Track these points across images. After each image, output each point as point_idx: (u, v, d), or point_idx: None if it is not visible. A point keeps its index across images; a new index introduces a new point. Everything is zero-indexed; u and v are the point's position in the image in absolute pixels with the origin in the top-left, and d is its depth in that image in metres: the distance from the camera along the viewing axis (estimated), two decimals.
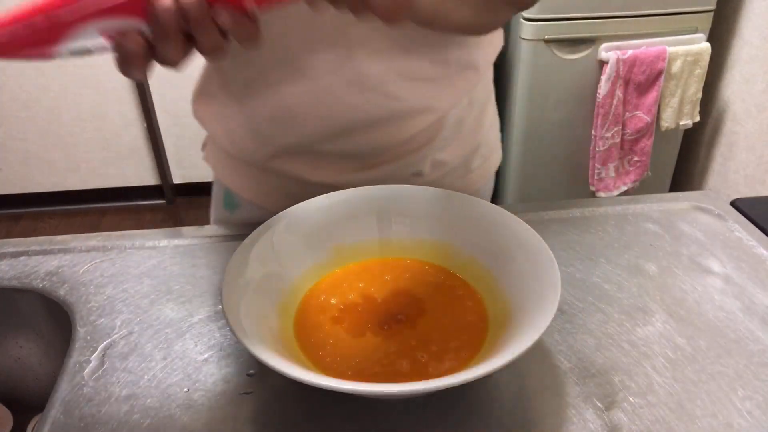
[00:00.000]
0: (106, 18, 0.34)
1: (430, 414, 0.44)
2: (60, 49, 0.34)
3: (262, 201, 0.68)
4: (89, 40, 0.35)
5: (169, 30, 0.35)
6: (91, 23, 0.34)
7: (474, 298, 0.50)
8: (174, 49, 0.36)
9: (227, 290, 0.44)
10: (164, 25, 0.35)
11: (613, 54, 1.58)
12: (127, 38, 0.35)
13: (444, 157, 0.67)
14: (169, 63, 0.37)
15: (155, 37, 0.36)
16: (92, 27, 0.34)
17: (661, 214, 0.66)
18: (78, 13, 0.34)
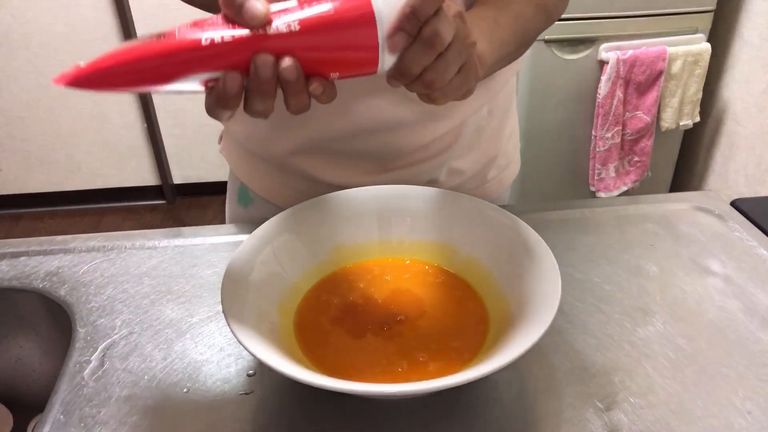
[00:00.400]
0: (213, 70, 0.37)
1: (431, 414, 0.44)
2: (161, 89, 0.37)
3: (275, 198, 0.68)
4: (189, 85, 0.38)
5: (267, 89, 0.38)
6: (197, 74, 0.37)
7: (474, 298, 0.50)
8: (265, 104, 0.39)
9: (227, 290, 0.44)
10: (262, 84, 0.38)
11: (613, 54, 1.58)
12: (228, 79, 0.37)
13: (461, 165, 0.67)
14: (258, 114, 0.40)
15: (252, 90, 0.38)
16: (197, 77, 0.37)
17: (661, 215, 0.66)
18: (188, 66, 0.37)
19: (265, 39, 0.37)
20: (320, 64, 0.39)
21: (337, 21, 0.38)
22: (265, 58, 0.37)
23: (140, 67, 0.37)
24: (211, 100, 0.39)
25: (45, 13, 2.06)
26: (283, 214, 0.53)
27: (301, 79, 0.38)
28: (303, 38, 0.38)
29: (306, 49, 0.38)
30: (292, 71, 0.38)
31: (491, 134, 0.68)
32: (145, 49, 0.37)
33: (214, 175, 2.42)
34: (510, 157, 0.74)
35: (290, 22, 0.37)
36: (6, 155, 2.32)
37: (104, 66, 0.36)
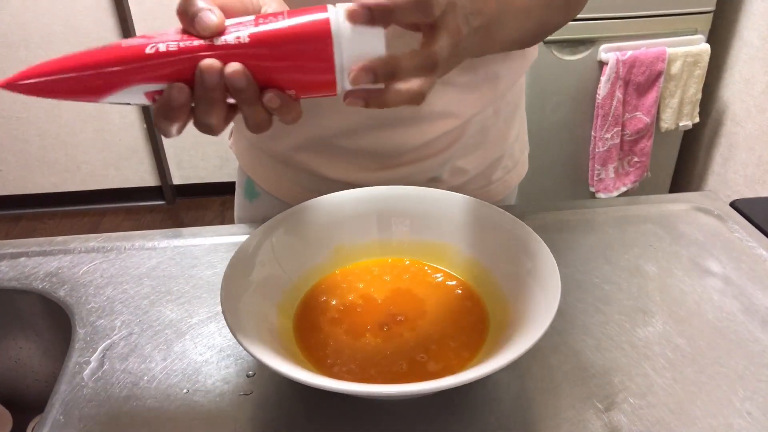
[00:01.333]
0: (153, 82, 0.36)
1: (430, 414, 0.44)
2: (102, 100, 0.36)
3: (281, 194, 0.68)
4: (133, 97, 0.37)
5: (213, 97, 0.36)
6: (138, 85, 0.36)
7: (474, 298, 0.50)
8: (216, 116, 0.38)
9: (227, 291, 0.44)
10: (208, 90, 0.36)
11: (612, 55, 1.58)
12: (174, 90, 0.36)
13: (464, 164, 0.66)
14: (208, 128, 0.38)
15: (198, 101, 0.37)
16: (138, 88, 0.36)
17: (660, 215, 0.66)
18: (127, 76, 0.36)
19: (212, 48, 0.36)
20: (273, 77, 0.37)
21: (289, 36, 0.36)
22: (210, 62, 0.36)
23: (80, 76, 0.35)
24: (156, 112, 0.37)
25: (45, 13, 2.06)
26: (282, 214, 0.53)
27: (252, 89, 0.37)
28: (252, 50, 0.36)
29: (255, 60, 0.36)
30: (239, 77, 0.36)
31: (497, 135, 0.68)
32: (85, 57, 0.36)
33: (213, 176, 2.42)
34: (516, 159, 0.73)
35: (240, 35, 0.36)
36: (6, 155, 2.32)
37: (42, 72, 0.35)
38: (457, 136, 0.63)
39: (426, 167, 0.64)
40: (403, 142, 0.62)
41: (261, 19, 0.37)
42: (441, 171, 0.65)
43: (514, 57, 0.63)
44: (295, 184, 0.67)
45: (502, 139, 0.69)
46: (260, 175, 0.70)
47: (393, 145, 0.62)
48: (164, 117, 0.37)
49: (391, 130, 0.60)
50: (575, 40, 1.60)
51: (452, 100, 0.60)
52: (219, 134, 0.39)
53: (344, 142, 0.62)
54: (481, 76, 0.61)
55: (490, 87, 0.62)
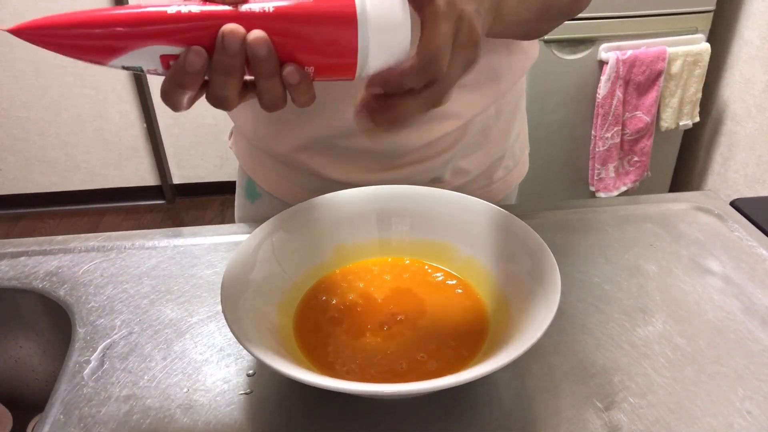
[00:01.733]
0: (172, 44, 0.35)
1: (430, 414, 0.44)
2: (114, 62, 0.35)
3: (281, 194, 0.68)
4: (147, 60, 0.35)
5: (232, 65, 0.35)
6: (152, 45, 0.35)
7: (474, 298, 0.50)
8: (232, 87, 0.36)
9: (227, 290, 0.44)
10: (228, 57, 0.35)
11: (612, 54, 1.58)
12: (192, 53, 0.34)
13: (466, 164, 0.66)
14: (222, 100, 0.37)
15: (216, 70, 0.36)
16: (154, 49, 0.35)
17: (660, 215, 0.66)
18: (145, 35, 0.34)
19: (236, 15, 0.35)
20: (294, 52, 0.36)
21: (314, 13, 0.35)
22: (233, 26, 0.34)
23: (94, 32, 0.34)
24: (170, 78, 0.36)
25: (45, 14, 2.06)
26: (282, 213, 0.53)
27: (273, 60, 0.35)
28: (276, 23, 0.35)
29: (278, 33, 0.35)
30: (262, 45, 0.35)
31: (498, 135, 0.68)
32: (103, 13, 0.34)
33: (213, 175, 2.43)
34: (517, 158, 0.73)
35: (265, 6, 0.35)
36: (6, 155, 2.32)
37: (55, 23, 0.34)
38: (459, 137, 0.63)
39: (428, 168, 0.64)
40: (405, 142, 0.61)
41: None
42: (443, 171, 0.65)
43: (515, 55, 0.63)
44: (296, 184, 0.67)
45: (504, 138, 0.69)
46: (261, 175, 0.69)
47: (395, 146, 0.62)
48: (177, 84, 0.36)
49: None
50: (575, 39, 1.60)
51: (454, 101, 0.60)
52: (231, 109, 0.38)
53: (346, 142, 0.62)
54: (484, 76, 0.61)
55: (492, 86, 0.62)
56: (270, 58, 0.35)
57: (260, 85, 0.37)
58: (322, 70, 0.38)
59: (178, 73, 0.35)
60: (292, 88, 0.37)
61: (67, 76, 2.16)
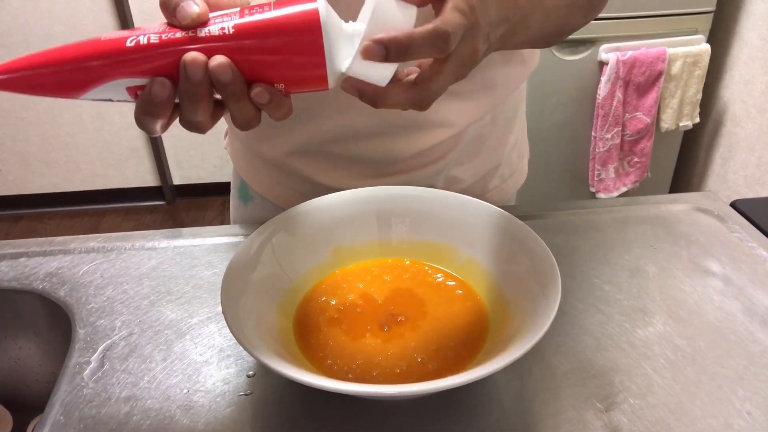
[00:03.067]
0: (135, 76, 0.35)
1: (430, 415, 0.44)
2: (82, 96, 0.35)
3: (273, 196, 0.68)
4: (114, 93, 0.35)
5: (198, 92, 0.35)
6: (119, 80, 0.35)
7: (474, 299, 0.50)
8: (203, 112, 0.36)
9: (227, 291, 0.44)
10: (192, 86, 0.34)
11: (612, 55, 1.58)
12: (156, 85, 0.34)
13: (459, 173, 0.65)
14: (195, 125, 0.37)
15: (183, 96, 0.35)
16: (119, 83, 0.35)
17: (660, 216, 0.66)
18: (107, 70, 0.34)
19: (196, 41, 0.34)
20: (260, 71, 0.36)
21: (276, 26, 0.35)
22: (194, 55, 0.34)
23: (58, 71, 0.34)
24: (139, 108, 0.36)
25: (45, 13, 2.06)
26: (282, 214, 0.53)
27: (239, 83, 0.35)
28: (238, 42, 0.35)
29: (241, 54, 0.35)
30: (225, 70, 0.34)
31: (494, 143, 0.67)
32: (64, 51, 0.34)
33: (213, 176, 2.43)
34: (514, 167, 0.72)
35: (225, 25, 0.35)
36: (6, 155, 2.32)
37: (18, 66, 0.34)
38: (453, 146, 0.62)
39: (420, 176, 0.63)
40: (397, 150, 0.61)
41: (247, 11, 0.36)
42: (435, 180, 0.64)
43: (513, 64, 0.62)
44: (288, 188, 0.67)
45: (500, 147, 0.68)
46: (254, 178, 0.69)
47: (387, 153, 0.61)
48: (146, 113, 0.36)
49: (386, 139, 0.60)
50: (575, 40, 1.60)
51: (448, 109, 0.59)
52: (206, 132, 0.38)
53: (338, 148, 0.61)
54: (479, 85, 0.60)
55: (488, 95, 0.61)
56: (235, 81, 0.35)
57: (230, 107, 0.36)
58: (292, 84, 0.37)
59: (146, 104, 0.35)
60: (264, 106, 0.37)
61: None
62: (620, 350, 0.48)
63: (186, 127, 0.37)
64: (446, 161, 0.63)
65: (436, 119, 0.59)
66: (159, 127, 0.37)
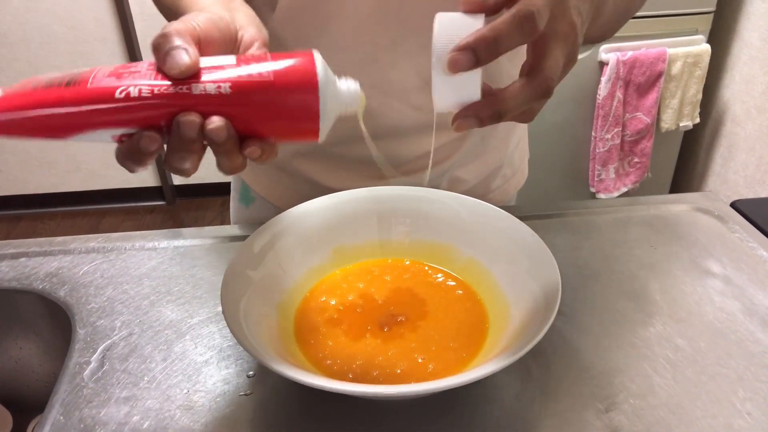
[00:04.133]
0: (123, 127, 0.34)
1: (430, 415, 0.44)
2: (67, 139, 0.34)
3: (275, 199, 0.68)
4: (100, 138, 0.34)
5: (190, 149, 0.34)
6: (106, 130, 0.34)
7: (474, 299, 0.50)
8: (191, 163, 0.35)
9: (227, 291, 0.43)
10: (185, 144, 0.34)
11: (613, 55, 1.58)
12: (144, 139, 0.33)
13: (463, 174, 0.66)
14: (181, 171, 0.36)
15: (173, 148, 0.34)
16: (106, 132, 0.34)
17: (661, 216, 0.66)
18: (94, 119, 0.33)
19: (190, 98, 0.33)
20: (254, 127, 0.35)
21: (274, 86, 0.34)
22: (190, 118, 0.33)
23: (43, 116, 0.32)
24: (123, 154, 0.34)
25: (45, 14, 2.06)
26: (283, 214, 0.53)
27: (232, 141, 0.34)
28: (234, 103, 0.34)
29: (237, 112, 0.34)
30: (221, 132, 0.33)
31: (497, 144, 0.67)
32: (50, 96, 0.32)
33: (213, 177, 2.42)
34: (516, 167, 0.72)
35: (221, 83, 0.33)
36: (6, 155, 2.32)
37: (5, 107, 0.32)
38: (457, 147, 0.63)
39: (423, 177, 0.63)
40: (401, 152, 0.61)
41: (243, 63, 0.35)
42: (439, 181, 0.65)
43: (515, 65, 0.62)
44: (290, 190, 0.66)
45: (503, 147, 0.68)
46: (255, 180, 0.69)
47: (391, 155, 0.61)
48: (130, 160, 0.34)
49: (389, 141, 0.60)
50: None
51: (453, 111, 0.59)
52: (190, 175, 0.37)
53: (342, 150, 0.61)
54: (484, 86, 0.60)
55: None
56: (229, 141, 0.34)
57: (219, 159, 0.36)
58: (284, 138, 0.37)
59: (132, 152, 0.34)
60: (255, 160, 0.36)
61: None
62: (620, 350, 0.48)
63: (170, 170, 0.36)
64: (450, 162, 0.63)
65: (441, 121, 0.59)
66: (140, 170, 0.36)
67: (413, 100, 0.57)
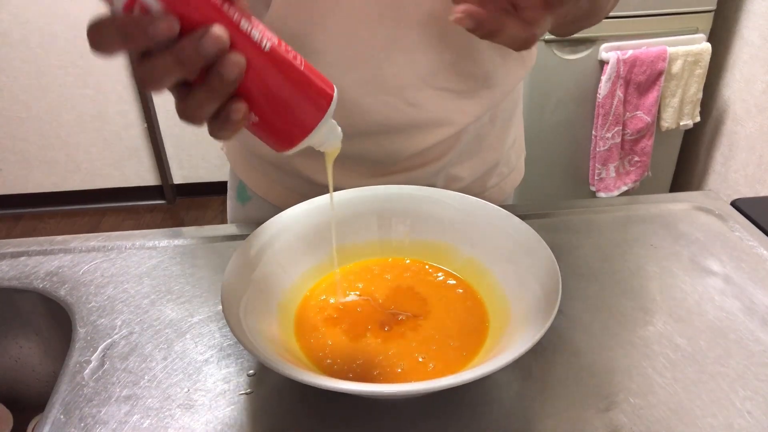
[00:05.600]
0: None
1: (430, 414, 0.44)
2: None
3: (271, 197, 0.68)
4: None
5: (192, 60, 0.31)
6: None
7: (474, 298, 0.50)
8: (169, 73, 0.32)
9: (227, 290, 0.44)
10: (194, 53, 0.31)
11: (613, 54, 1.58)
12: (166, 21, 0.30)
13: (459, 172, 0.66)
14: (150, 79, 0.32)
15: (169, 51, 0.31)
16: None
17: (661, 215, 0.66)
18: None
19: (232, 25, 0.32)
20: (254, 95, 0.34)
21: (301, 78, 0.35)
22: (222, 33, 0.31)
23: None
24: (123, 20, 0.31)
25: (45, 13, 2.06)
26: (282, 213, 0.53)
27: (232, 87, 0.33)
28: (263, 61, 0.33)
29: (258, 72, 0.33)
30: (234, 70, 0.32)
31: (493, 142, 0.67)
32: None
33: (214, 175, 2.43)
34: (512, 165, 0.72)
35: (266, 38, 0.33)
36: (6, 155, 2.32)
37: None
38: (452, 144, 0.62)
39: (420, 175, 0.63)
40: (397, 150, 0.61)
41: (283, 44, 0.35)
42: (435, 179, 0.64)
43: (511, 63, 0.62)
44: (287, 188, 0.66)
45: (499, 145, 0.68)
46: (252, 178, 0.69)
47: (387, 152, 0.61)
48: (118, 30, 0.31)
49: (386, 138, 0.60)
50: (576, 39, 1.60)
51: (448, 108, 0.59)
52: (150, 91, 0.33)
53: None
54: (480, 84, 0.60)
55: (487, 94, 0.61)
56: (232, 85, 0.33)
57: (198, 95, 0.33)
58: (263, 128, 0.36)
59: (130, 23, 0.31)
60: (225, 120, 0.34)
61: (68, 76, 2.16)
62: (620, 350, 0.48)
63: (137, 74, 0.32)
64: (446, 160, 0.63)
65: (437, 118, 0.59)
66: (113, 52, 0.31)
67: (408, 97, 0.57)
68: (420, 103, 0.57)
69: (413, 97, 0.57)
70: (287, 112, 0.36)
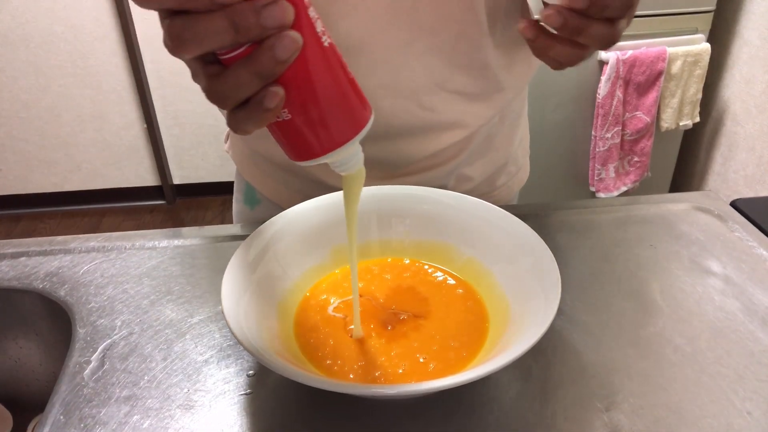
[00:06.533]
0: None
1: (430, 414, 0.44)
2: None
3: (281, 200, 0.67)
4: None
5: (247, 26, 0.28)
6: None
7: (474, 298, 0.50)
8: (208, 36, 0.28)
9: (227, 291, 0.44)
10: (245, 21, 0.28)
11: (613, 54, 1.58)
12: None
13: (470, 172, 0.66)
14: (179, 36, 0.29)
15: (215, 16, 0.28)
16: None
17: (661, 215, 0.66)
18: None
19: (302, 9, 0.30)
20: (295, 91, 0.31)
21: (348, 85, 0.33)
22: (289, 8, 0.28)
23: None
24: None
25: (45, 13, 2.06)
26: (282, 214, 0.53)
27: (279, 71, 0.30)
28: (319, 56, 0.31)
29: (310, 64, 0.31)
30: (291, 49, 0.29)
31: (502, 141, 0.67)
32: None
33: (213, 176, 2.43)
34: (520, 163, 0.73)
35: (327, 35, 0.32)
36: (6, 155, 2.32)
37: None
38: (465, 146, 0.63)
39: (432, 177, 0.63)
40: (410, 152, 0.61)
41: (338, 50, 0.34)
42: (447, 180, 0.65)
43: (519, 66, 0.63)
44: (297, 192, 0.66)
45: (507, 145, 0.69)
46: (260, 181, 0.69)
47: (401, 155, 0.61)
48: None
49: (399, 141, 0.60)
50: None
51: (461, 111, 0.60)
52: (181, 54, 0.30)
53: None
54: (492, 86, 0.60)
55: (498, 96, 0.62)
56: (281, 67, 0.30)
57: (240, 73, 0.30)
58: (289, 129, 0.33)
59: None
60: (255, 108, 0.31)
61: (67, 76, 2.16)
62: (620, 350, 0.48)
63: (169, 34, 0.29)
64: (458, 161, 0.64)
65: (450, 121, 0.60)
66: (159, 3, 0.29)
67: (423, 101, 0.57)
68: (434, 107, 0.58)
69: (428, 100, 0.57)
70: (321, 119, 0.33)
